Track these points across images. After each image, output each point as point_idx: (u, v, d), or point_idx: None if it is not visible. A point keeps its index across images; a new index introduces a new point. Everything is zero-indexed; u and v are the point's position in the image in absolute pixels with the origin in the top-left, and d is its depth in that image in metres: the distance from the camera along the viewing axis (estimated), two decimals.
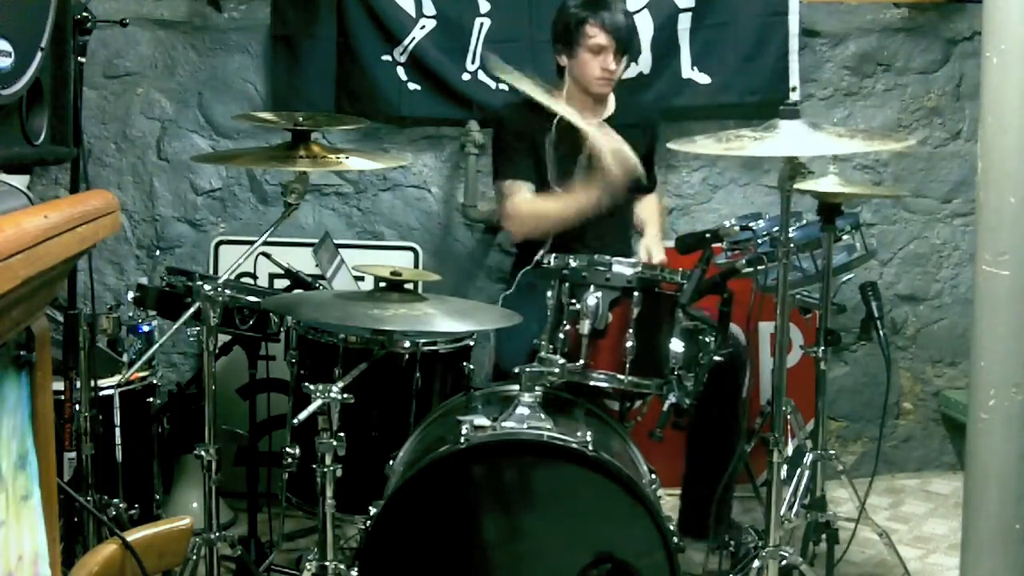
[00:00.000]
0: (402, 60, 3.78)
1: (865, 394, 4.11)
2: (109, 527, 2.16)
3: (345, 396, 2.20)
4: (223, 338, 2.82)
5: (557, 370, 2.46)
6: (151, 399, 3.09)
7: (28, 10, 1.36)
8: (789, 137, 2.29)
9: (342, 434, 2.22)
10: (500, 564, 2.35)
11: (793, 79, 3.84)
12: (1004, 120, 2.22)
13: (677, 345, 2.55)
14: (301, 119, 2.56)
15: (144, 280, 3.74)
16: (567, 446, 2.29)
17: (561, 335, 2.55)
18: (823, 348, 2.89)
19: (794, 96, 3.77)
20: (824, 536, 2.87)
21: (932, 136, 4.04)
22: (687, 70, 3.84)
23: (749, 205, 3.92)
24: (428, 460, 2.33)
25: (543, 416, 2.35)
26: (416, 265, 3.82)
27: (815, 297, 3.03)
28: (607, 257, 2.60)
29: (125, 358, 3.06)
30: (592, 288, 2.55)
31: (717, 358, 2.54)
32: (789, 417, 3.16)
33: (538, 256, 2.98)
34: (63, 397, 2.58)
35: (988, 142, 2.25)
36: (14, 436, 1.27)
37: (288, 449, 2.32)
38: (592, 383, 2.56)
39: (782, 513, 2.55)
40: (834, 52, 3.99)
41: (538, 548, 2.33)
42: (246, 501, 3.04)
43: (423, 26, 3.77)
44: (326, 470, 2.23)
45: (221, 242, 3.83)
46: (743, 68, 3.82)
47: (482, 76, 3.79)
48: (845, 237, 3.01)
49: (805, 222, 2.94)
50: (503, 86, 3.78)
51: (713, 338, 2.54)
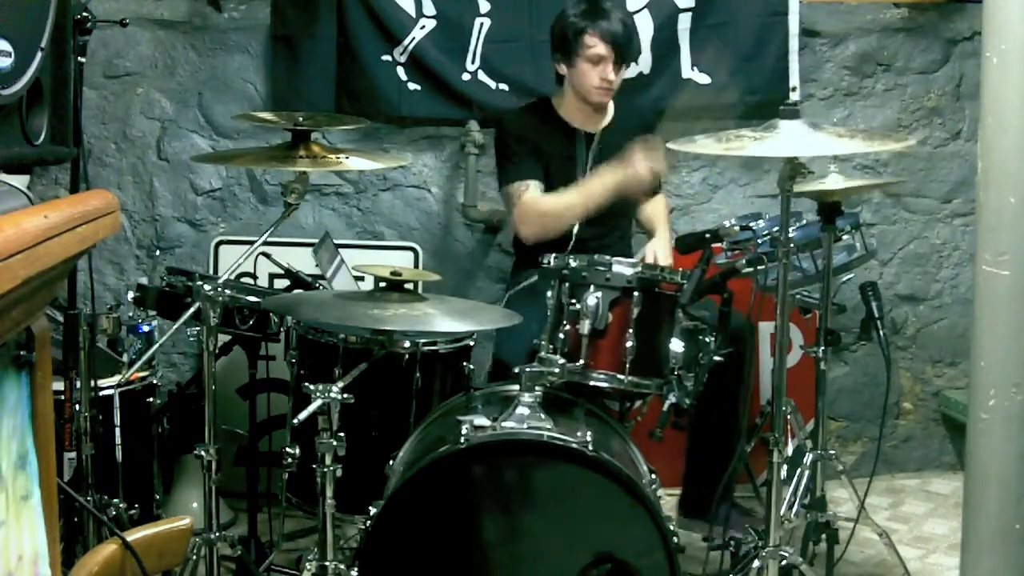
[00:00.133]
0: (402, 60, 3.78)
1: (865, 394, 4.11)
2: (109, 527, 2.16)
3: (345, 396, 2.20)
4: (223, 338, 2.82)
5: (557, 370, 2.46)
6: (151, 399, 3.09)
7: (28, 10, 1.36)
8: (789, 137, 2.29)
9: (342, 434, 2.22)
10: (500, 564, 2.35)
11: (793, 79, 3.84)
12: (1004, 120, 2.22)
13: (677, 345, 2.55)
14: (301, 119, 2.56)
15: (144, 280, 3.74)
16: (567, 446, 2.29)
17: (561, 335, 2.55)
18: (823, 348, 2.89)
19: (794, 96, 3.77)
20: (824, 536, 2.87)
21: (932, 136, 4.04)
22: (687, 70, 3.83)
23: (749, 205, 3.92)
24: (428, 460, 2.33)
25: (543, 416, 2.35)
26: (416, 265, 3.81)
27: (815, 297, 3.03)
28: (607, 257, 2.60)
29: (125, 358, 3.06)
30: (592, 288, 2.55)
31: (717, 358, 2.54)
32: (789, 417, 3.16)
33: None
34: (63, 397, 2.58)
35: (988, 142, 2.25)
36: (14, 436, 1.27)
37: (288, 449, 2.32)
38: (592, 383, 2.56)
39: (782, 513, 2.55)
40: (834, 52, 3.99)
41: (538, 548, 2.33)
42: (246, 501, 3.04)
43: (423, 26, 3.77)
44: (326, 470, 2.23)
45: (221, 242, 3.82)
46: (743, 68, 3.82)
47: (482, 76, 3.79)
48: (845, 237, 3.01)
49: (805, 222, 2.93)
50: (503, 86, 3.78)
51: (713, 338, 2.54)
